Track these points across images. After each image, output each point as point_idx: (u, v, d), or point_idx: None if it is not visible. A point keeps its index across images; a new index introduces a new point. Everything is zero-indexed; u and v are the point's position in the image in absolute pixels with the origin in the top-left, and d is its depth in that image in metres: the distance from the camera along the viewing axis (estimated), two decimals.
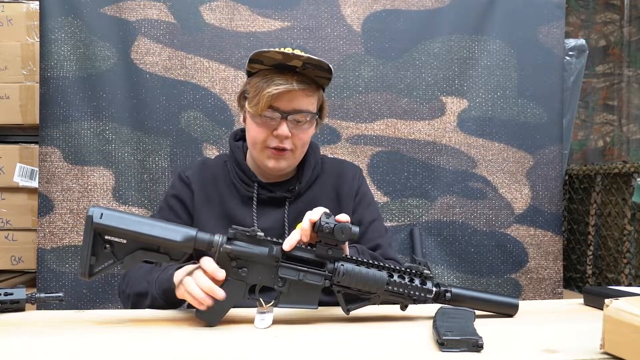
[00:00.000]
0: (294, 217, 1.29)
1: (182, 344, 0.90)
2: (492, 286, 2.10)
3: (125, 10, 2.00)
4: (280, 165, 1.27)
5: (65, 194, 1.97)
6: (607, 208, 2.17)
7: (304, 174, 1.34)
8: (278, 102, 1.21)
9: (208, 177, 1.34)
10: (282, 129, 1.21)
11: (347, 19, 2.09)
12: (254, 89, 1.22)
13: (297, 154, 1.29)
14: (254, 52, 1.19)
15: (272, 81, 1.19)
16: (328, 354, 0.86)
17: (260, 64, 1.22)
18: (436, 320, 0.94)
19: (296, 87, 1.20)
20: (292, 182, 1.34)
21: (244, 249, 1.01)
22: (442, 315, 0.97)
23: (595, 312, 1.12)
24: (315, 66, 1.20)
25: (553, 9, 2.16)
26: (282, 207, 1.31)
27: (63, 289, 1.93)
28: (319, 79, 1.25)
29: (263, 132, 1.24)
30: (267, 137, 1.24)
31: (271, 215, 1.30)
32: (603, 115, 4.31)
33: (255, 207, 1.29)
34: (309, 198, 1.33)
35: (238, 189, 1.32)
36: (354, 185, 1.39)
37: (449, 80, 2.12)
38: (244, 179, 1.32)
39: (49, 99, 1.97)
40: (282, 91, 1.19)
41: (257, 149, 1.27)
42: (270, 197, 1.31)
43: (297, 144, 1.25)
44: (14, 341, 0.92)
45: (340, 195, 1.37)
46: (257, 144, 1.25)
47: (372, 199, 1.45)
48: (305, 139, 1.27)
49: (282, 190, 1.32)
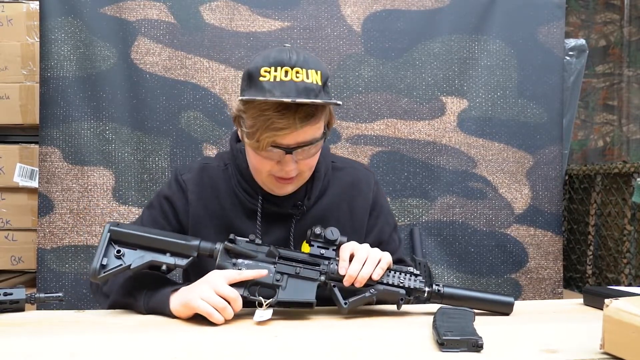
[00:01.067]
0: (301, 233, 1.19)
1: (182, 344, 0.90)
2: (492, 286, 2.10)
3: (125, 10, 2.00)
4: (287, 190, 1.17)
5: (65, 194, 1.97)
6: (607, 208, 2.17)
7: (313, 189, 1.23)
8: (281, 140, 1.06)
9: (207, 185, 1.23)
10: (288, 165, 1.09)
11: (347, 19, 2.09)
12: (251, 124, 1.06)
13: (305, 176, 1.17)
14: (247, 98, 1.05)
15: (272, 124, 1.04)
16: (328, 354, 0.86)
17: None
18: (436, 320, 0.94)
19: (299, 127, 1.05)
20: (299, 195, 1.22)
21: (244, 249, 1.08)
22: (442, 315, 0.97)
23: (595, 312, 1.12)
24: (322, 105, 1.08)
25: (553, 9, 2.15)
26: (289, 222, 1.21)
27: (63, 289, 1.93)
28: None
29: (266, 163, 1.11)
30: (272, 168, 1.12)
31: (276, 230, 1.21)
32: (603, 115, 4.32)
33: (260, 222, 1.19)
34: (318, 212, 1.24)
35: (241, 200, 1.21)
36: (369, 197, 1.29)
37: (449, 80, 2.12)
38: (247, 190, 1.21)
39: (49, 99, 1.97)
40: (285, 134, 1.06)
41: (261, 177, 1.16)
42: (276, 212, 1.21)
43: (304, 169, 1.14)
44: (14, 341, 0.92)
45: (354, 208, 1.27)
46: (261, 172, 1.14)
47: (388, 208, 1.36)
48: (312, 164, 1.16)
49: (288, 204, 1.21)
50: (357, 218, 1.27)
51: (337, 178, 1.28)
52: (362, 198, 1.28)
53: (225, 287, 1.02)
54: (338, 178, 1.28)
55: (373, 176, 1.33)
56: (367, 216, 1.29)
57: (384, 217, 1.32)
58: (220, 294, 1.01)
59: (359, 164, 1.39)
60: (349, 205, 1.27)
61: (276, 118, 1.04)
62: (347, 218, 1.26)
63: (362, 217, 1.28)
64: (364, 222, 1.28)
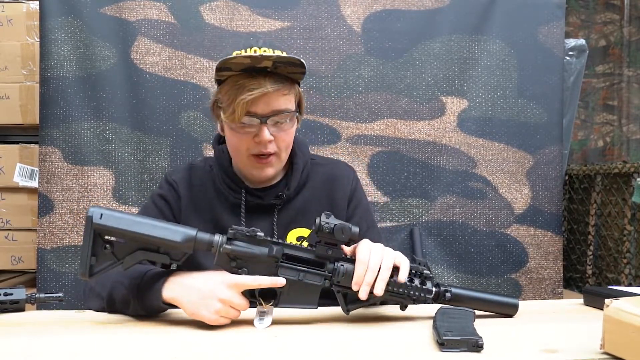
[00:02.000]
0: (284, 223, 1.27)
1: (182, 344, 0.90)
2: (492, 286, 2.10)
3: (125, 10, 2.00)
4: (267, 172, 1.23)
5: (65, 194, 1.97)
6: (607, 208, 2.17)
7: (292, 178, 1.29)
8: (254, 108, 1.15)
9: (195, 182, 1.31)
10: (263, 134, 1.16)
11: (347, 19, 2.09)
12: (227, 98, 1.16)
13: (283, 157, 1.24)
14: (219, 60, 1.13)
15: (244, 87, 1.13)
16: (328, 354, 0.86)
17: (228, 71, 1.16)
18: (436, 320, 0.94)
19: (270, 89, 1.14)
20: (280, 187, 1.30)
21: (243, 249, 1.01)
22: (442, 315, 0.97)
23: (595, 312, 1.12)
24: (287, 63, 1.14)
25: (553, 9, 2.15)
26: (272, 214, 1.27)
27: (63, 289, 1.93)
28: (293, 75, 1.19)
29: (244, 140, 1.19)
30: (249, 145, 1.19)
31: (260, 222, 1.25)
32: (603, 115, 4.32)
33: (244, 215, 1.25)
34: (299, 204, 1.30)
35: (225, 196, 1.28)
36: (348, 189, 1.34)
37: (449, 80, 2.12)
38: (230, 185, 1.27)
39: (49, 99, 1.97)
40: (257, 96, 1.13)
41: (241, 159, 1.23)
42: (259, 204, 1.27)
43: (280, 146, 1.21)
44: (14, 341, 0.92)
45: (334, 199, 1.32)
46: (240, 153, 1.21)
47: (367, 204, 1.40)
48: (288, 140, 1.23)
49: (270, 196, 1.27)
50: (337, 210, 1.31)
51: (317, 172, 1.34)
52: (342, 190, 1.34)
53: (242, 301, 0.99)
54: (318, 172, 1.34)
55: (353, 172, 1.39)
56: (346, 207, 1.33)
57: (361, 211, 1.35)
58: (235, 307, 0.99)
59: (339, 161, 1.46)
60: (328, 198, 1.32)
61: (247, 82, 1.13)
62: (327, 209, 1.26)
63: (341, 209, 1.32)
64: (344, 215, 1.32)
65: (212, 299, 0.98)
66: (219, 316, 0.98)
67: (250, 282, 1.00)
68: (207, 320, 0.98)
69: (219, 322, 0.98)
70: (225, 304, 0.98)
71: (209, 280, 1.00)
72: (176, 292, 1.01)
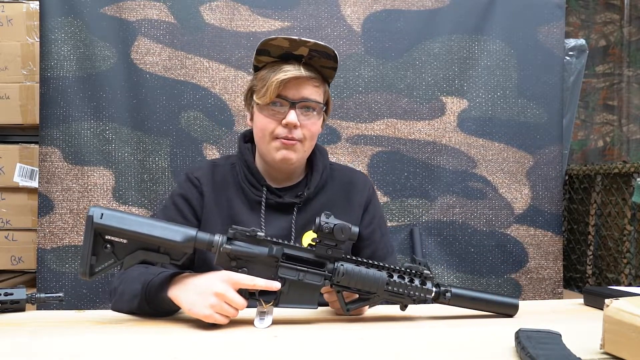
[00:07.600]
0: (302, 224, 1.28)
1: (182, 344, 0.90)
2: (492, 286, 2.10)
3: (125, 10, 2.00)
4: (290, 156, 1.23)
5: (65, 194, 1.97)
6: (607, 208, 2.17)
7: (312, 178, 1.31)
8: (286, 91, 1.20)
9: (219, 180, 1.31)
10: (291, 117, 1.20)
11: (347, 19, 2.09)
12: (262, 81, 1.22)
13: (307, 146, 1.26)
14: (260, 41, 1.20)
15: (280, 69, 1.19)
16: (328, 354, 0.86)
17: (267, 56, 1.22)
18: (526, 347, 0.80)
19: (304, 73, 1.20)
20: (300, 187, 1.32)
21: (243, 249, 1.02)
22: (529, 340, 0.82)
23: (595, 312, 1.12)
24: (322, 54, 1.20)
25: (553, 9, 2.15)
26: (290, 213, 1.28)
27: (63, 289, 1.93)
28: (325, 70, 1.25)
29: (272, 122, 1.22)
30: (276, 127, 1.22)
31: (278, 221, 1.27)
32: (603, 115, 4.31)
33: (264, 212, 1.26)
34: (318, 205, 1.31)
35: (246, 193, 1.28)
36: (365, 196, 1.36)
37: (449, 80, 2.12)
38: (252, 182, 1.29)
39: (49, 99, 1.97)
40: (290, 77, 1.19)
41: (266, 141, 1.24)
42: (279, 203, 1.28)
43: (305, 134, 1.24)
44: (14, 341, 0.92)
45: (351, 202, 1.34)
46: (266, 135, 1.23)
47: (382, 213, 1.43)
48: (313, 130, 1.25)
49: (290, 195, 1.29)
50: (353, 214, 1.34)
51: (335, 177, 1.37)
52: (359, 195, 1.36)
53: (236, 296, 0.98)
54: (336, 177, 1.37)
55: (371, 183, 1.42)
56: (362, 213, 1.36)
57: (377, 221, 1.39)
58: (230, 303, 0.98)
59: (357, 170, 1.50)
60: (345, 202, 1.34)
61: (284, 65, 1.20)
62: (344, 213, 1.30)
63: (357, 213, 1.35)
64: (359, 219, 1.35)
65: (207, 294, 0.98)
66: (213, 311, 0.97)
67: (245, 280, 0.99)
68: (203, 316, 0.97)
69: (214, 318, 0.97)
70: (219, 297, 0.97)
71: (207, 278, 1.01)
72: (177, 290, 1.02)
